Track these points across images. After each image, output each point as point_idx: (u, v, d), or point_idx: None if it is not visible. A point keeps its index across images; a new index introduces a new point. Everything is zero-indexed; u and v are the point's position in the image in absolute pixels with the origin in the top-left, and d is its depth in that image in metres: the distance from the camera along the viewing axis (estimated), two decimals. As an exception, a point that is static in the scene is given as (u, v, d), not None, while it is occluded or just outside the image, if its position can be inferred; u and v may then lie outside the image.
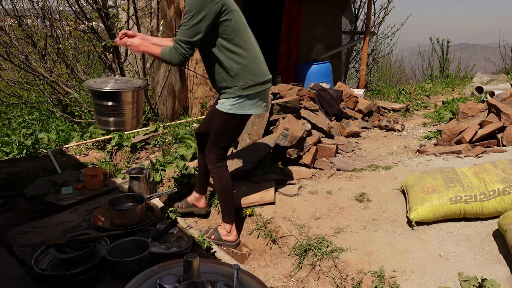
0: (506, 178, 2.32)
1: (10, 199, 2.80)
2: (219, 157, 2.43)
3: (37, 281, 1.83)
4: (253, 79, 2.24)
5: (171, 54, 2.08)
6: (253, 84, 2.25)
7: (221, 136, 2.37)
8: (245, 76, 2.21)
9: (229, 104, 2.26)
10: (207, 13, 2.03)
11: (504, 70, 10.19)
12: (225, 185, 2.49)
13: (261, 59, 2.37)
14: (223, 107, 2.28)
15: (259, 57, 2.35)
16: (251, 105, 2.28)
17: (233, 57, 2.19)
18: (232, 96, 2.24)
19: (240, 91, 2.23)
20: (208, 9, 2.02)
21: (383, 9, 10.02)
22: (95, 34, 4.44)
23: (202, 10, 2.01)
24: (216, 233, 2.63)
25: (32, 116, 6.36)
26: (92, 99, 2.27)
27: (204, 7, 2.01)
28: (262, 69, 2.31)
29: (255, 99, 2.29)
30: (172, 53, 2.08)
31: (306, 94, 4.57)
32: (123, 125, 2.21)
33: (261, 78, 2.28)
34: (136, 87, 2.16)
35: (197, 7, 2.00)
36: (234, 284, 1.43)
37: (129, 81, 2.23)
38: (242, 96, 2.24)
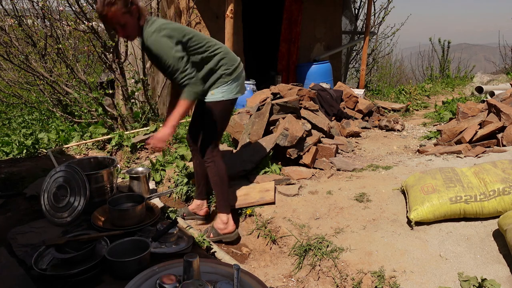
0: (506, 178, 2.32)
1: (10, 199, 2.81)
2: (213, 146, 2.54)
3: (37, 281, 1.83)
4: (233, 63, 2.50)
5: (190, 90, 2.27)
6: (235, 67, 2.51)
7: (215, 126, 2.53)
8: (227, 63, 2.47)
9: (220, 92, 2.47)
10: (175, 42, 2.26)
11: (504, 70, 10.20)
12: (222, 173, 2.55)
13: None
14: (215, 97, 2.47)
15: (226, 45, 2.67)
16: (236, 87, 2.54)
17: (212, 55, 2.45)
18: (221, 84, 2.47)
19: (227, 77, 2.47)
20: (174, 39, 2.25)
21: (383, 9, 10.03)
22: (95, 34, 4.44)
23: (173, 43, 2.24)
24: (214, 230, 2.63)
25: (32, 116, 6.36)
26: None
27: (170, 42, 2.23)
28: (233, 54, 2.58)
29: (238, 81, 2.54)
30: (190, 90, 2.27)
31: (306, 94, 4.57)
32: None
33: (237, 61, 2.54)
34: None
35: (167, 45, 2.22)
36: (234, 284, 1.43)
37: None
38: (230, 80, 2.48)
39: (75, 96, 5.11)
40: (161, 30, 2.21)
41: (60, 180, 2.47)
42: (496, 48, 11.37)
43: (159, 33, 2.21)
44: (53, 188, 2.47)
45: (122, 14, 2.15)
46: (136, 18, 2.22)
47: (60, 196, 2.43)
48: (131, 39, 2.36)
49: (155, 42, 2.21)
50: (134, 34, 2.28)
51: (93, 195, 2.51)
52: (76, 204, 2.39)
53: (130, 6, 2.16)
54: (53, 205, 2.44)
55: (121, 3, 2.13)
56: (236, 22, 5.00)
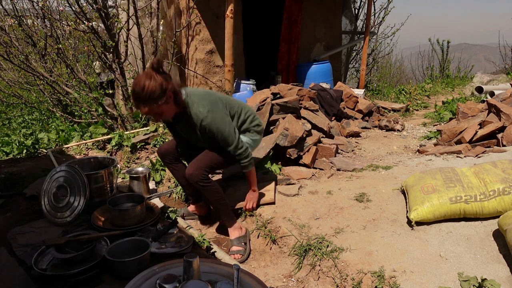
0: (506, 178, 2.32)
1: (10, 199, 2.81)
2: (210, 170, 2.49)
3: (37, 281, 1.83)
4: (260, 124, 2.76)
5: (247, 164, 2.49)
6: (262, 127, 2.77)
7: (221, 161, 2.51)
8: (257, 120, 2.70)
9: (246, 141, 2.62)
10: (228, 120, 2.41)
11: (504, 70, 10.20)
12: (219, 189, 2.49)
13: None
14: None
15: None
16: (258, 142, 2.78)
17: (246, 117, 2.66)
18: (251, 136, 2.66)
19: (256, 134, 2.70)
20: (226, 119, 2.39)
21: (383, 9, 10.03)
22: (95, 34, 4.44)
23: (226, 117, 2.38)
24: (236, 245, 2.54)
25: (32, 116, 6.36)
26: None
27: (223, 120, 2.36)
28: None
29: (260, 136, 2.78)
30: (247, 161, 2.48)
31: (306, 94, 4.57)
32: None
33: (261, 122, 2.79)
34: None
35: (222, 121, 2.34)
36: (234, 284, 1.43)
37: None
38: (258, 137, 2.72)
39: (75, 96, 5.12)
40: (213, 109, 2.30)
41: (60, 180, 2.47)
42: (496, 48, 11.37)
43: (214, 112, 2.29)
44: (53, 188, 2.47)
45: (158, 106, 2.16)
46: (172, 101, 2.23)
47: (60, 196, 2.44)
48: (170, 119, 2.38)
49: (214, 121, 2.29)
50: (171, 116, 2.32)
51: (93, 195, 2.51)
52: (76, 204, 2.39)
53: (165, 96, 2.16)
54: (53, 205, 2.44)
55: (156, 99, 2.13)
56: (236, 22, 5.00)
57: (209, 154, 2.47)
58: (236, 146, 2.40)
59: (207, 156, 2.47)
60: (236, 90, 5.42)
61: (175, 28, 5.02)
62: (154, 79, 2.11)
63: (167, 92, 2.17)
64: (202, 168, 2.37)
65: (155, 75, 2.14)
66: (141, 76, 2.14)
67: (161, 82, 2.13)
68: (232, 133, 2.37)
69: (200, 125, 2.32)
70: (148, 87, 2.09)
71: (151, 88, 2.09)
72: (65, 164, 2.54)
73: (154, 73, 2.14)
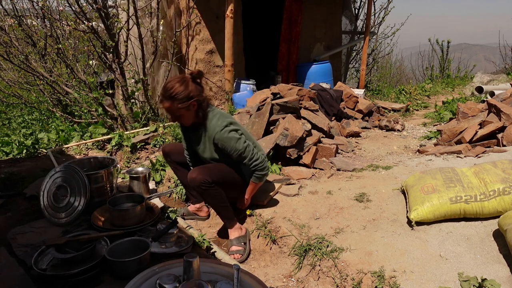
0: (506, 178, 2.32)
1: (10, 199, 2.81)
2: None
3: (37, 281, 1.83)
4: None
5: (259, 175, 2.51)
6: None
7: (227, 176, 2.52)
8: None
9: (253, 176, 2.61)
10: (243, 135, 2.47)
11: (504, 70, 10.20)
12: (221, 193, 2.47)
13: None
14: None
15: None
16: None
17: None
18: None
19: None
20: (241, 134, 2.45)
21: (383, 9, 10.03)
22: (95, 34, 4.44)
23: (240, 135, 2.43)
24: (236, 245, 2.54)
25: (32, 116, 6.36)
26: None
27: (239, 135, 2.42)
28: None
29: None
30: (260, 174, 2.51)
31: (306, 94, 4.57)
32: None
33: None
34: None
35: (237, 138, 2.39)
36: (234, 284, 1.43)
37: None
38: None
39: (75, 96, 5.12)
40: (230, 124, 2.39)
41: (60, 180, 2.47)
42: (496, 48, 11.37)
43: (229, 126, 2.37)
44: (53, 188, 2.47)
45: (178, 108, 2.29)
46: (193, 111, 2.35)
47: (60, 196, 2.43)
48: (186, 125, 2.48)
49: (228, 134, 2.36)
50: (188, 123, 2.42)
51: (93, 195, 2.51)
52: (76, 204, 2.39)
53: (188, 102, 2.28)
54: (53, 205, 2.44)
55: (179, 101, 2.26)
56: (236, 22, 5.00)
57: (221, 167, 2.50)
58: (251, 157, 2.44)
59: (217, 167, 2.50)
60: (236, 90, 5.42)
61: (175, 28, 5.02)
62: (185, 84, 2.27)
63: (192, 101, 2.29)
64: (207, 174, 2.36)
65: (189, 81, 2.30)
66: (177, 77, 2.33)
67: (190, 90, 2.28)
68: (246, 145, 2.41)
69: (214, 137, 2.39)
70: (176, 88, 2.25)
71: (178, 90, 2.25)
72: (65, 164, 2.54)
73: (190, 80, 2.32)
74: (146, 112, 4.72)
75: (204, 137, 2.47)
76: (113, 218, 2.33)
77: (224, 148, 2.40)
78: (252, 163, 2.44)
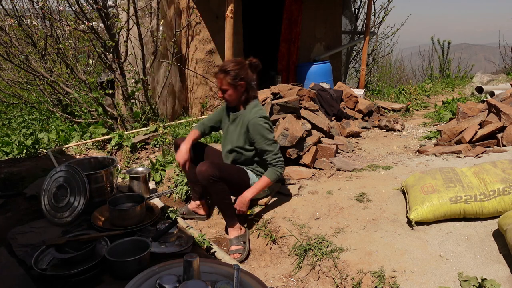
0: (506, 178, 2.32)
1: (10, 199, 2.80)
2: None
3: (37, 281, 1.83)
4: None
5: (275, 172, 2.53)
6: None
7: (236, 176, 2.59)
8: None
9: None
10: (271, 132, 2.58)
11: (504, 70, 10.20)
12: (226, 190, 2.51)
13: None
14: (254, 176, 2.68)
15: None
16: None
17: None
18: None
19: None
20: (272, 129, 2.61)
21: (383, 9, 10.03)
22: (95, 34, 4.44)
23: (272, 130, 2.58)
24: (235, 244, 2.56)
25: (32, 116, 6.36)
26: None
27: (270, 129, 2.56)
28: None
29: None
30: (277, 171, 2.53)
31: (306, 94, 4.57)
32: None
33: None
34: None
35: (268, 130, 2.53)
36: (234, 284, 1.43)
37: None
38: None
39: (75, 96, 5.11)
40: (267, 119, 2.54)
41: (60, 180, 2.47)
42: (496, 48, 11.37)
43: (263, 120, 2.50)
44: (53, 188, 2.47)
45: (227, 83, 2.50)
46: (240, 92, 2.55)
47: (60, 196, 2.44)
48: (229, 104, 2.66)
49: (257, 125, 2.49)
50: (231, 102, 2.59)
51: (93, 195, 2.51)
52: (76, 204, 2.39)
53: (237, 81, 2.50)
54: (53, 205, 2.44)
55: (231, 76, 2.48)
56: (236, 22, 5.00)
57: (231, 166, 2.60)
58: (276, 152, 2.53)
59: (227, 165, 2.59)
60: (236, 90, 5.42)
61: (175, 28, 5.02)
62: (241, 66, 2.50)
63: (241, 81, 2.51)
64: (216, 169, 2.42)
65: (245, 65, 2.53)
66: (236, 59, 2.58)
67: (243, 72, 2.50)
68: (275, 140, 2.54)
69: (250, 122, 2.51)
70: (231, 65, 2.48)
71: (232, 67, 2.48)
72: (65, 164, 2.54)
73: (247, 64, 2.54)
74: (146, 112, 4.72)
75: (239, 119, 2.60)
76: (113, 218, 2.33)
77: (254, 134, 2.50)
78: (275, 158, 2.52)
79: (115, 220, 2.31)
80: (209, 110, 5.83)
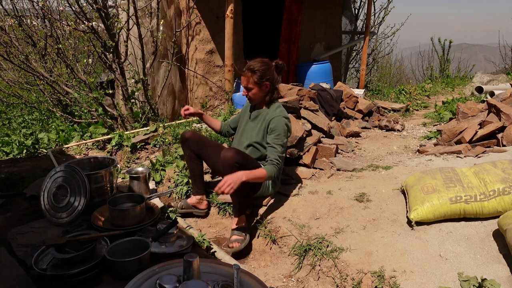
0: (506, 178, 2.32)
1: (10, 199, 2.80)
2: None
3: (37, 281, 1.83)
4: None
5: (274, 170, 2.50)
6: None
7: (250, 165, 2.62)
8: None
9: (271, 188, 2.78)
10: (287, 139, 2.68)
11: (504, 70, 10.20)
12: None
13: None
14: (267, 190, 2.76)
15: None
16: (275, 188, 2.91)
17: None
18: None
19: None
20: (288, 136, 2.68)
21: (383, 9, 10.04)
22: (95, 34, 4.44)
23: (287, 135, 2.65)
24: (237, 235, 2.54)
25: (32, 116, 6.36)
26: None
27: (288, 133, 2.66)
28: None
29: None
30: (274, 169, 2.50)
31: (306, 94, 4.57)
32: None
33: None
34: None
35: (286, 132, 2.60)
36: (234, 284, 1.43)
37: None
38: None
39: (75, 96, 5.11)
40: (287, 120, 2.62)
41: (60, 180, 2.47)
42: (496, 48, 11.38)
43: (286, 120, 2.60)
44: (53, 188, 2.47)
45: (253, 82, 2.58)
46: (264, 92, 2.64)
47: (60, 196, 2.44)
48: (251, 103, 2.75)
49: (282, 123, 2.57)
50: (255, 101, 2.68)
51: (93, 195, 2.51)
52: (76, 204, 2.39)
53: (263, 81, 2.59)
54: (53, 205, 2.44)
55: (257, 76, 2.56)
56: (236, 22, 5.00)
57: (253, 159, 2.62)
58: (281, 151, 2.55)
59: (249, 157, 2.61)
60: (236, 90, 5.43)
61: (175, 28, 5.02)
62: (267, 67, 2.59)
63: (266, 81, 2.60)
64: (242, 157, 2.46)
65: (272, 66, 2.62)
66: (264, 59, 2.64)
67: (269, 72, 2.59)
68: (286, 141, 2.61)
69: (272, 119, 2.59)
70: (257, 64, 2.56)
71: (259, 67, 2.55)
72: (65, 164, 2.54)
73: (273, 66, 2.64)
74: (146, 112, 4.72)
75: (262, 117, 2.68)
76: (113, 218, 2.33)
77: (272, 128, 2.57)
78: (278, 158, 2.53)
79: (115, 220, 2.31)
80: (209, 110, 5.83)
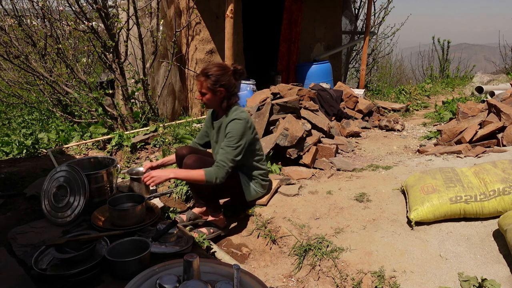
0: (506, 178, 2.32)
1: (10, 199, 2.80)
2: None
3: (37, 281, 1.83)
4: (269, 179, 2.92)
5: (217, 173, 2.38)
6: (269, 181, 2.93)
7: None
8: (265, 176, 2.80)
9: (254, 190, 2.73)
10: (246, 140, 2.50)
11: (504, 70, 10.20)
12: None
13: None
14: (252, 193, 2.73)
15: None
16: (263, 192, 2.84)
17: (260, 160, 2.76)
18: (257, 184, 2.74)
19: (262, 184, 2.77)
20: (246, 138, 2.50)
21: (383, 9, 10.03)
22: (95, 34, 4.44)
23: (245, 136, 2.48)
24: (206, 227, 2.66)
25: (32, 116, 6.37)
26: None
27: (244, 135, 2.48)
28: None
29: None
30: (218, 172, 2.38)
31: (306, 94, 4.57)
32: None
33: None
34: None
35: (240, 134, 2.46)
36: (234, 284, 1.43)
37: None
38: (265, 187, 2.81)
39: (75, 96, 5.12)
40: (245, 121, 2.49)
41: (60, 180, 2.47)
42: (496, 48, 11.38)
43: (244, 122, 2.47)
44: (53, 188, 2.47)
45: (206, 87, 2.46)
46: (219, 98, 2.50)
47: (60, 196, 2.43)
48: (206, 107, 2.68)
49: (238, 126, 2.45)
50: (209, 106, 2.58)
51: (93, 195, 2.51)
52: (76, 204, 2.39)
53: (217, 87, 2.45)
54: (53, 205, 2.44)
55: (211, 81, 2.43)
56: (236, 22, 5.00)
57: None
58: (228, 157, 2.40)
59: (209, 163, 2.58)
60: (236, 90, 5.42)
61: (175, 28, 5.02)
62: (223, 72, 2.45)
63: (220, 87, 2.46)
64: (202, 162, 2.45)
65: (228, 72, 2.47)
66: (221, 63, 2.55)
67: (225, 78, 2.45)
68: (239, 144, 2.45)
69: (227, 124, 2.49)
70: (213, 69, 2.43)
71: (213, 71, 2.43)
72: (65, 164, 2.54)
73: (230, 71, 2.49)
74: (146, 112, 4.72)
75: (222, 126, 2.57)
76: (113, 218, 2.33)
77: (226, 133, 2.47)
78: (226, 157, 2.40)
79: (115, 220, 2.31)
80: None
